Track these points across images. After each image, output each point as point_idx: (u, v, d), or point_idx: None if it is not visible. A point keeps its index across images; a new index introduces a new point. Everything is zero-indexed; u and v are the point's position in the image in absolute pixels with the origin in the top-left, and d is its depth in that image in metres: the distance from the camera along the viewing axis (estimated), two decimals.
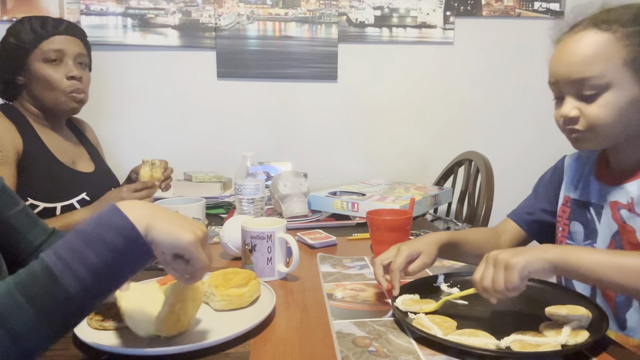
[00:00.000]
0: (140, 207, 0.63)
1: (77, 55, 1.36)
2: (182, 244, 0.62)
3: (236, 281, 0.84)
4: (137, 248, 0.60)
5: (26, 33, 1.31)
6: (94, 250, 0.57)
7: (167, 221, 0.63)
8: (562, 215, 1.00)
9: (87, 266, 0.57)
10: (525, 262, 0.70)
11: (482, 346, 0.67)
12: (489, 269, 0.74)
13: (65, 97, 1.34)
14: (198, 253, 0.64)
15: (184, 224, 0.64)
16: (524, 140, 2.19)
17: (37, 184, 1.27)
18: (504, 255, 0.73)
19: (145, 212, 0.62)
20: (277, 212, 1.51)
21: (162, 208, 0.66)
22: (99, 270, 0.57)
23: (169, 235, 0.62)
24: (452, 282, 0.91)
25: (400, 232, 1.04)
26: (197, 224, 0.67)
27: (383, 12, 2.08)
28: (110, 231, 0.58)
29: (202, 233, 0.66)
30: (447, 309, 0.82)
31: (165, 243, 0.62)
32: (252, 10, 2.03)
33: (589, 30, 0.83)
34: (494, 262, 0.74)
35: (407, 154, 2.18)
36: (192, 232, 0.63)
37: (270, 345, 0.72)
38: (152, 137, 2.06)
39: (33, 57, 1.31)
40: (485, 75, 2.16)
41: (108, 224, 0.59)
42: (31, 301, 0.55)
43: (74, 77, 1.34)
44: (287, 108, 2.11)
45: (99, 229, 0.59)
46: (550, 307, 0.77)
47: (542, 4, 2.11)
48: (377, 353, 0.69)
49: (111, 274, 0.59)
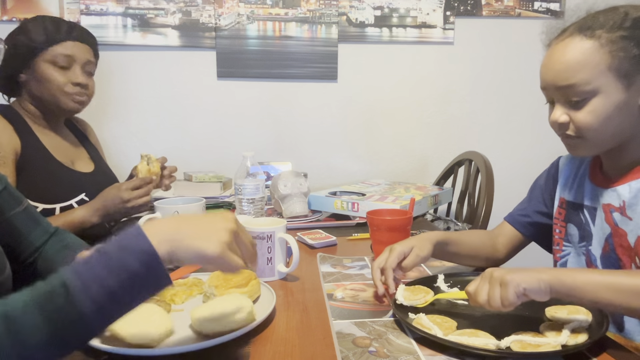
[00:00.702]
0: (164, 226, 0.62)
1: (85, 63, 1.36)
2: (208, 259, 0.61)
3: (236, 281, 0.84)
4: (156, 275, 0.59)
5: (38, 33, 1.30)
6: (114, 273, 0.56)
7: (191, 238, 0.61)
8: (559, 217, 1.00)
9: (105, 289, 0.56)
10: (520, 279, 0.70)
11: (482, 346, 0.67)
12: (484, 284, 0.74)
13: (67, 100, 1.33)
14: (227, 261, 0.62)
15: (209, 235, 0.62)
16: (524, 141, 2.19)
17: (36, 184, 1.27)
18: (499, 272, 0.73)
19: (169, 231, 0.61)
20: (277, 212, 1.51)
21: (187, 218, 0.65)
22: (116, 293, 0.56)
23: (195, 254, 0.61)
24: (452, 282, 0.91)
25: (400, 232, 1.04)
26: (224, 223, 0.64)
27: (383, 12, 2.08)
28: (132, 256, 0.57)
29: (230, 235, 0.63)
30: (447, 309, 0.82)
31: (192, 261, 0.62)
32: (252, 10, 2.03)
33: (574, 36, 0.84)
34: (489, 278, 0.74)
35: (407, 154, 2.18)
36: (217, 241, 0.61)
37: (270, 346, 0.72)
38: (152, 137, 2.06)
39: (41, 57, 1.30)
40: (485, 75, 2.16)
41: (131, 248, 0.58)
42: (47, 319, 0.53)
43: (79, 84, 1.34)
44: (287, 108, 2.11)
45: (121, 252, 0.58)
46: (551, 308, 0.77)
47: (542, 4, 2.11)
48: (377, 353, 0.69)
49: (127, 298, 0.58)
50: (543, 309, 0.78)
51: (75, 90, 1.33)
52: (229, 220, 0.65)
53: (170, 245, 0.60)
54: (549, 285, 0.70)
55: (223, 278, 0.85)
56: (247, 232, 0.68)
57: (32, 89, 1.33)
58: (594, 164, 0.96)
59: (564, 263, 0.98)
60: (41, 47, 1.30)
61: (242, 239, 0.66)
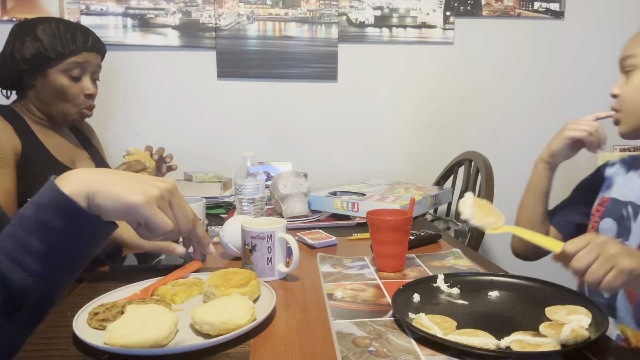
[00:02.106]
0: (82, 173, 0.56)
1: (94, 71, 1.37)
2: (130, 208, 0.55)
3: (236, 281, 0.84)
4: (81, 222, 0.53)
5: (54, 42, 1.27)
6: (35, 235, 0.51)
7: (113, 184, 0.55)
8: (595, 213, 1.01)
9: (34, 255, 0.51)
10: (634, 267, 0.64)
11: (482, 346, 0.67)
12: (591, 252, 0.66)
13: (76, 111, 1.35)
14: (153, 215, 0.56)
15: (133, 185, 0.56)
16: (524, 141, 2.19)
17: (37, 184, 1.26)
18: (615, 249, 0.66)
19: (88, 178, 0.55)
20: (277, 212, 1.51)
21: (113, 170, 0.59)
22: (48, 256, 0.52)
23: (115, 200, 0.55)
24: (452, 282, 0.91)
25: (401, 232, 1.04)
26: (155, 181, 0.59)
27: (383, 12, 2.08)
28: (48, 211, 0.52)
29: (159, 191, 0.58)
30: (447, 309, 0.82)
31: (111, 209, 0.55)
32: (252, 10, 2.03)
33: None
34: (600, 249, 0.67)
35: (407, 154, 2.18)
36: (141, 192, 0.56)
37: (270, 345, 0.72)
38: (152, 137, 2.06)
39: (55, 67, 1.29)
40: (485, 75, 2.16)
41: (45, 204, 0.53)
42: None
43: (90, 95, 1.35)
44: (287, 108, 2.12)
45: (38, 211, 0.53)
46: (551, 308, 0.77)
47: (542, 4, 2.11)
48: (377, 353, 0.69)
49: (64, 256, 0.54)
50: (543, 308, 0.78)
51: (85, 103, 1.35)
52: (165, 181, 0.60)
53: (88, 190, 0.54)
54: None
55: (223, 278, 0.85)
56: (189, 204, 0.63)
57: (41, 95, 1.32)
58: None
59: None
60: (57, 57, 1.28)
61: (180, 203, 0.61)
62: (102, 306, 0.80)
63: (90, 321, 0.75)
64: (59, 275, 0.54)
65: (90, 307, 0.79)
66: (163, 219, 0.58)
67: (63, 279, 0.55)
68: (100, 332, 0.73)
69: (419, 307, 0.83)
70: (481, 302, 0.84)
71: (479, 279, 0.93)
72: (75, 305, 0.80)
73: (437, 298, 0.86)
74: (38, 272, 0.52)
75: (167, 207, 0.60)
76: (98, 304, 0.81)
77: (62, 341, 0.72)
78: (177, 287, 0.89)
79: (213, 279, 0.86)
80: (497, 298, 0.86)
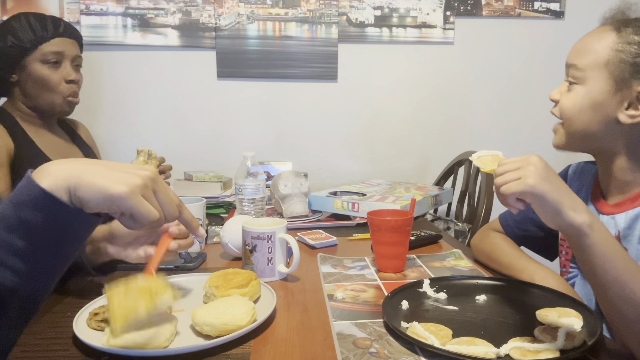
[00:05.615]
0: (59, 164, 0.55)
1: (74, 58, 1.37)
2: (114, 199, 0.54)
3: (236, 282, 0.84)
4: (63, 217, 0.52)
5: (25, 32, 1.30)
6: (18, 234, 0.50)
7: (95, 175, 0.54)
8: (565, 239, 0.99)
9: (17, 254, 0.50)
10: (537, 185, 0.65)
11: (483, 355, 0.66)
12: (514, 173, 0.68)
13: (62, 100, 1.35)
14: (138, 205, 0.55)
15: (115, 175, 0.55)
16: (524, 140, 2.19)
17: None
18: (533, 168, 0.67)
19: (67, 169, 0.54)
20: (277, 212, 1.51)
21: (94, 161, 0.57)
22: (32, 253, 0.51)
23: (98, 192, 0.53)
24: (438, 287, 0.90)
25: (401, 233, 1.04)
26: (136, 170, 0.58)
27: (383, 12, 2.08)
28: (27, 208, 0.51)
29: (142, 180, 0.56)
30: (438, 315, 0.81)
31: (94, 202, 0.53)
32: (252, 10, 2.03)
33: (607, 25, 0.86)
34: (521, 165, 0.69)
35: (407, 154, 2.18)
36: (124, 182, 0.55)
37: (270, 346, 0.72)
38: (152, 137, 2.06)
39: (32, 57, 1.31)
40: (485, 75, 2.16)
41: (24, 200, 0.51)
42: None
43: (72, 80, 1.35)
44: (287, 108, 2.11)
45: (17, 208, 0.51)
46: (541, 310, 0.77)
47: (542, 4, 2.11)
48: (377, 354, 0.68)
49: (49, 252, 0.52)
50: (533, 311, 0.77)
51: (68, 89, 1.35)
52: (146, 169, 0.58)
53: (69, 183, 0.53)
54: (587, 221, 0.67)
55: (224, 278, 0.85)
56: (172, 190, 0.62)
57: (25, 88, 1.34)
58: (595, 188, 0.95)
59: (572, 285, 0.95)
60: (30, 46, 1.30)
61: (164, 190, 0.60)
62: (102, 307, 0.79)
63: (90, 321, 0.75)
64: (46, 272, 0.54)
65: (91, 308, 0.79)
66: (148, 209, 0.57)
67: (50, 275, 0.54)
68: (100, 332, 0.73)
69: (409, 315, 0.81)
70: (471, 307, 0.83)
71: (464, 283, 0.92)
72: (75, 305, 0.80)
73: (425, 304, 0.85)
74: (24, 271, 0.51)
75: (152, 195, 0.59)
76: (98, 304, 0.81)
77: (62, 341, 0.72)
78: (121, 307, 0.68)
79: (213, 280, 0.86)
80: (485, 302, 0.85)
